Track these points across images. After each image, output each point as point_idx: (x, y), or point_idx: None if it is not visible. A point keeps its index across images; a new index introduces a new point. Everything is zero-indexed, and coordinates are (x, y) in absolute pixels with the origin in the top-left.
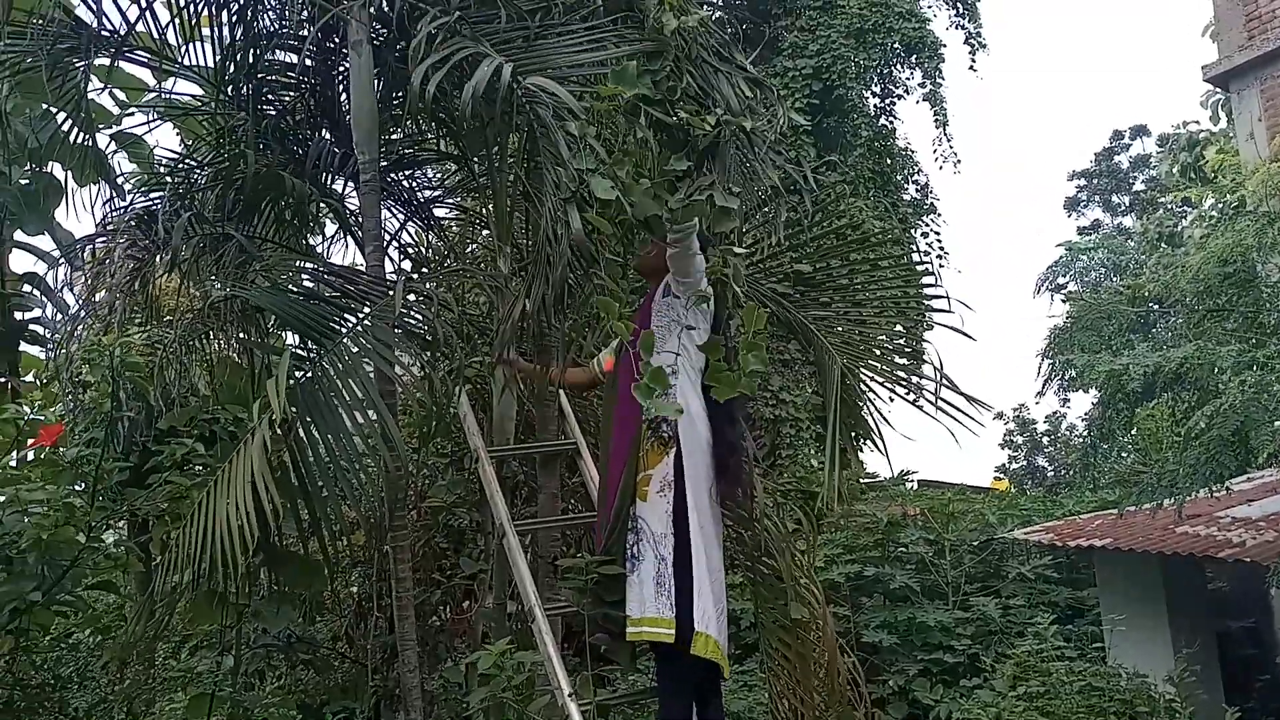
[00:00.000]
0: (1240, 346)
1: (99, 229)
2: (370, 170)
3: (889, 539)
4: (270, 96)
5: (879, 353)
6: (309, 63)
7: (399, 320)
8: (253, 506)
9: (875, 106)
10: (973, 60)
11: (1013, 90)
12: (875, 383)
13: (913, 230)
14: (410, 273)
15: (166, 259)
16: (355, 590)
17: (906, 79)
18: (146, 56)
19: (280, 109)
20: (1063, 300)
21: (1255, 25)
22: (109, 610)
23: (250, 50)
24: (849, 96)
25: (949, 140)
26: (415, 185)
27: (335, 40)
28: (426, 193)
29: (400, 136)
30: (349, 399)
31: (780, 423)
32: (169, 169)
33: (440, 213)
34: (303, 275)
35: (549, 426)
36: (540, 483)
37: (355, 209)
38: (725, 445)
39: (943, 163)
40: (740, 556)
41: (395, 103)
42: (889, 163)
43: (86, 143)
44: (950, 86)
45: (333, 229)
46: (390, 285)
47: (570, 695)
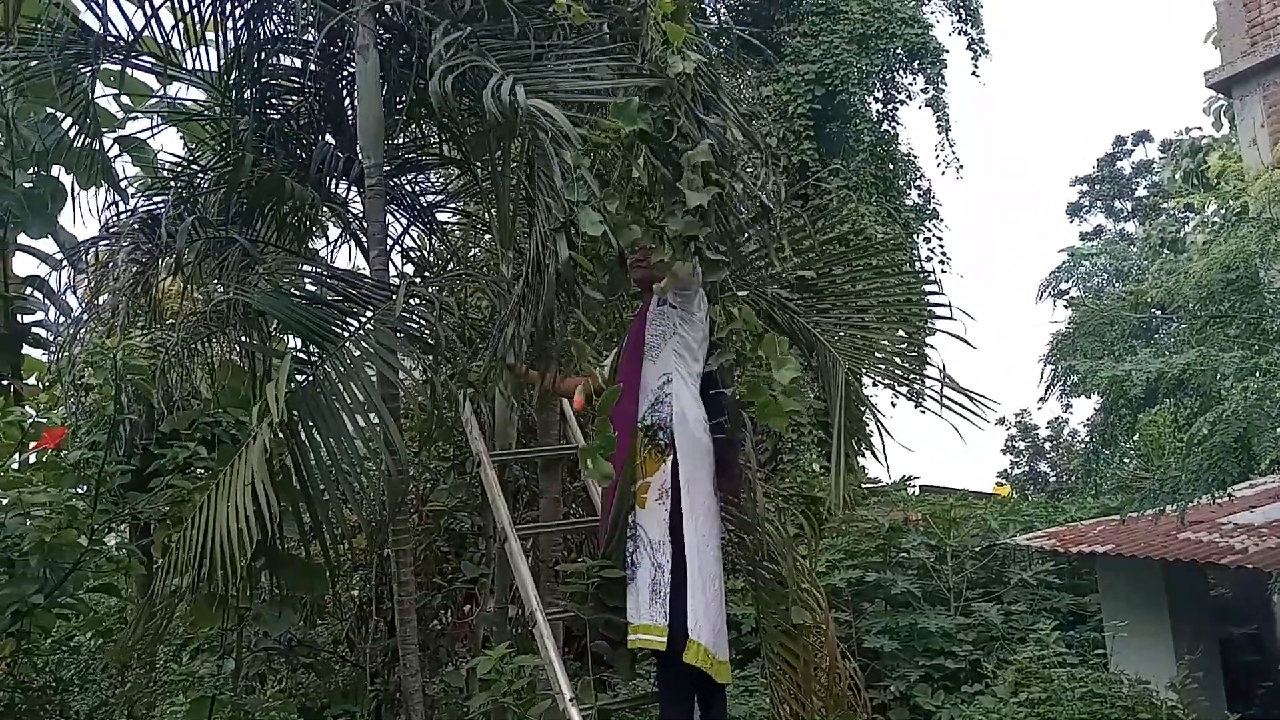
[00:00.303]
0: (1243, 353)
1: (102, 232)
2: (375, 174)
3: (890, 544)
4: (274, 101)
5: (881, 356)
6: (314, 67)
7: (401, 324)
8: (253, 510)
9: (878, 112)
10: (975, 66)
11: (1015, 96)
12: (879, 384)
13: (915, 236)
14: (413, 277)
15: (169, 262)
16: (356, 594)
17: (909, 84)
18: (151, 61)
19: (284, 113)
20: (1065, 306)
21: (1258, 31)
22: (110, 613)
23: (255, 55)
24: (851, 102)
25: (951, 146)
26: (418, 190)
27: (340, 45)
28: (429, 197)
29: (404, 141)
30: (350, 403)
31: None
32: (173, 173)
33: (443, 217)
34: (305, 279)
35: (551, 431)
36: (542, 487)
37: (359, 213)
38: (725, 443)
39: (945, 168)
40: (742, 561)
41: (399, 106)
42: (891, 168)
43: (91, 147)
44: (953, 92)
45: (336, 233)
46: (394, 289)
47: (571, 700)
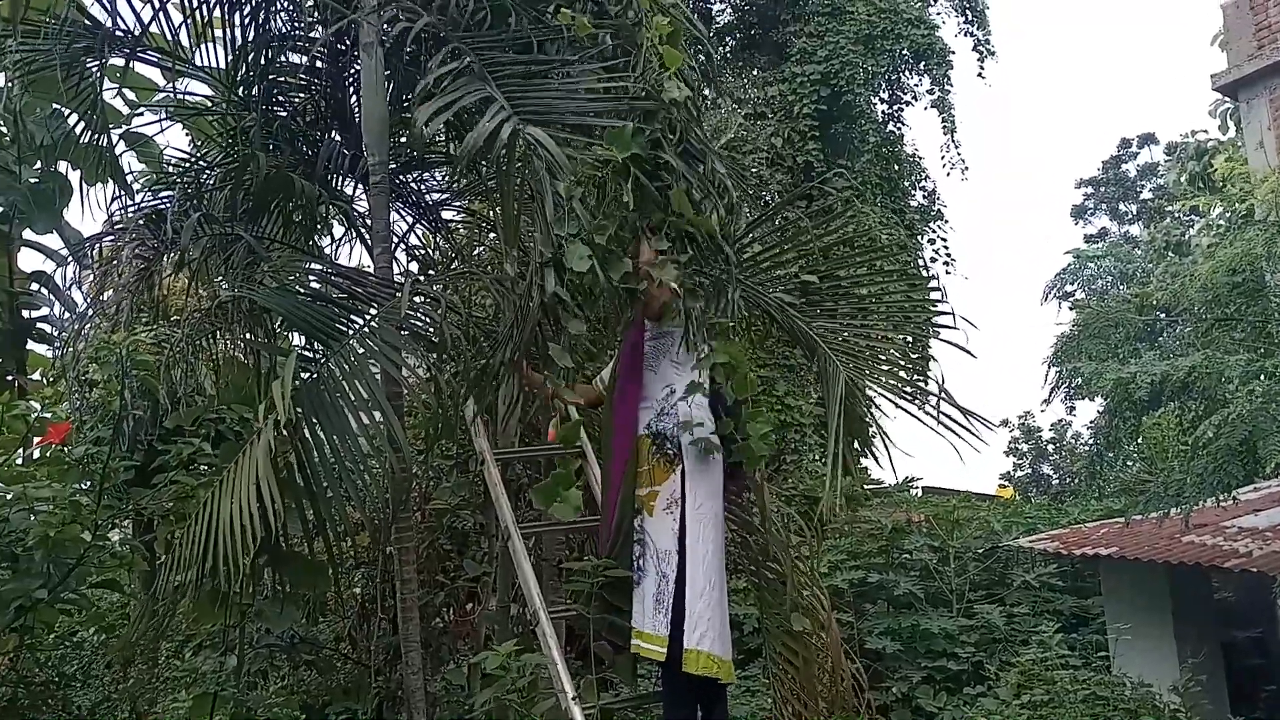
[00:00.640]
0: (1248, 356)
1: (107, 228)
2: (380, 172)
3: (893, 545)
4: (281, 98)
5: (884, 362)
6: (320, 65)
7: (405, 322)
8: (257, 507)
9: (883, 113)
10: (981, 67)
11: (1021, 97)
12: (878, 394)
13: (919, 237)
14: (417, 275)
15: (174, 258)
16: (358, 592)
17: (915, 86)
18: (158, 57)
19: (290, 110)
20: (1070, 308)
21: (1265, 35)
22: (113, 609)
23: (262, 51)
24: (857, 102)
25: (957, 147)
26: (424, 188)
27: (346, 43)
28: (435, 195)
29: (409, 139)
30: (355, 400)
31: (785, 429)
32: (178, 169)
33: (448, 215)
34: (310, 276)
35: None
36: None
37: (364, 211)
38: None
39: (950, 169)
40: (745, 561)
41: (405, 103)
42: (896, 169)
43: (98, 142)
44: (958, 93)
45: (341, 231)
46: (398, 287)
47: (574, 699)
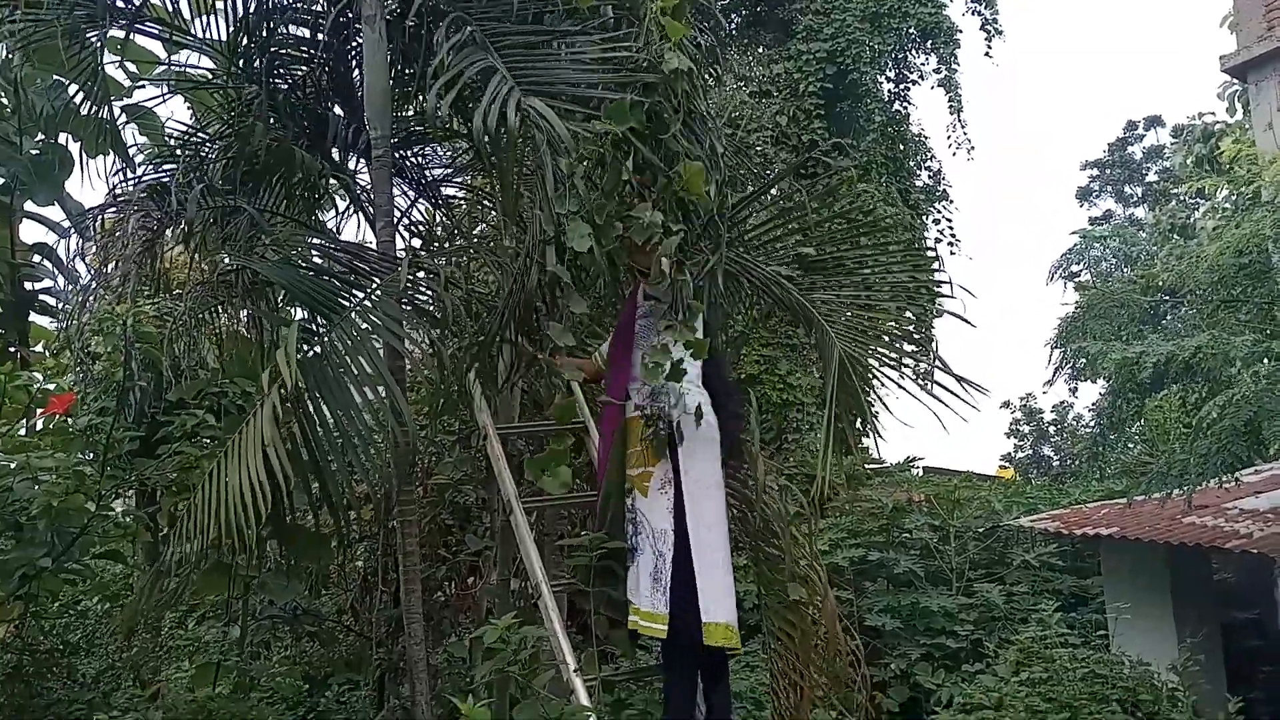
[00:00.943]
0: (1254, 337)
1: (110, 200)
2: (382, 146)
3: (894, 524)
4: (282, 70)
5: (882, 336)
6: (322, 37)
7: (406, 296)
8: (261, 478)
9: (889, 92)
10: (989, 46)
11: (1028, 73)
12: (875, 367)
13: (924, 217)
14: (418, 250)
15: (177, 230)
16: (361, 565)
17: (921, 65)
18: (158, 29)
19: (292, 83)
20: (1075, 289)
21: (1275, 16)
22: (116, 579)
23: (264, 23)
24: (863, 81)
25: (963, 127)
26: (425, 163)
27: (349, 15)
28: (436, 171)
29: (412, 114)
30: (357, 374)
31: (787, 407)
32: (180, 142)
33: (450, 192)
34: (312, 251)
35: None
36: None
37: (366, 185)
38: (730, 416)
39: (956, 149)
40: (743, 537)
41: (408, 75)
42: (902, 149)
43: (99, 114)
44: (965, 66)
45: (343, 205)
46: (399, 261)
47: (575, 670)
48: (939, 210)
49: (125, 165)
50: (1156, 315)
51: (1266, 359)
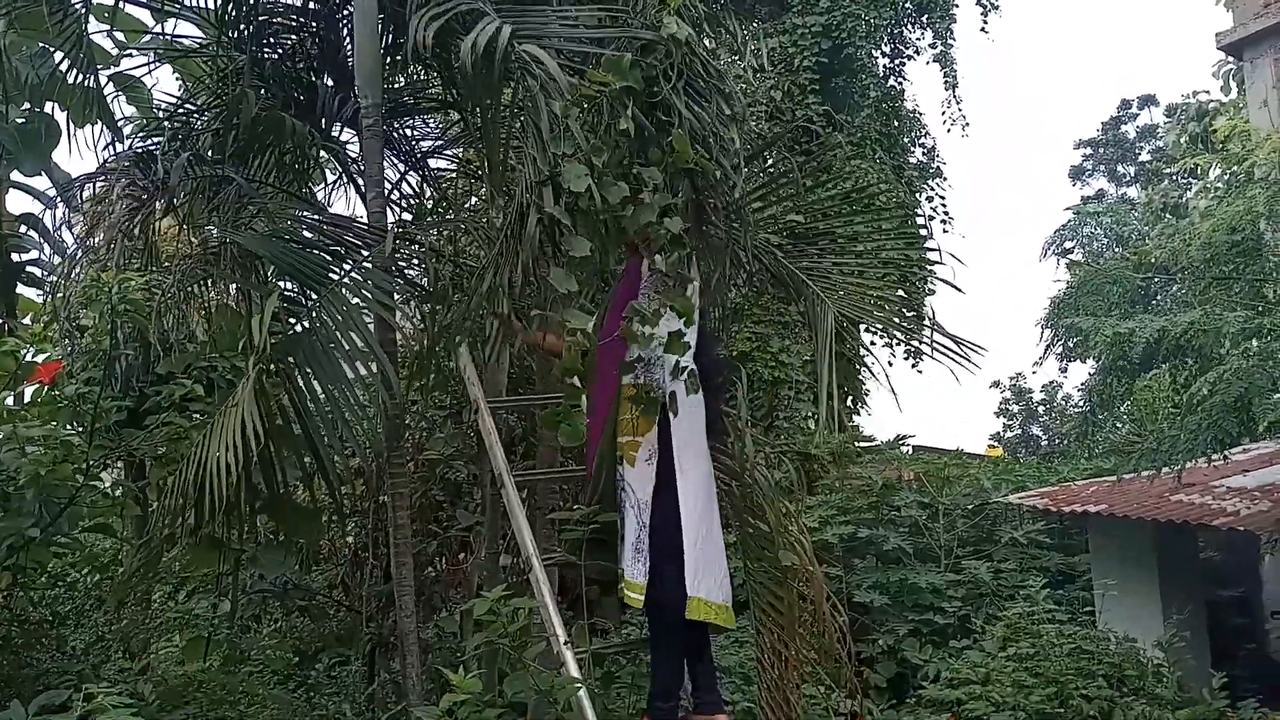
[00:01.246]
0: (1246, 314)
1: (97, 169)
2: (373, 114)
3: (883, 501)
4: (272, 39)
5: (875, 303)
6: (313, 4)
7: (391, 266)
8: (243, 451)
9: (885, 67)
10: (984, 21)
11: (1024, 44)
12: (868, 329)
13: (918, 194)
14: (408, 223)
15: (164, 200)
16: (351, 540)
17: (917, 40)
18: None
19: (282, 52)
20: (1067, 267)
21: None
22: (106, 552)
23: None
24: (858, 55)
25: (958, 103)
26: (415, 135)
27: None
28: (426, 144)
29: (402, 84)
30: (349, 348)
31: (779, 384)
32: (169, 112)
33: (441, 164)
34: (301, 225)
35: (549, 379)
36: (540, 435)
37: (356, 156)
38: (712, 391)
39: (951, 125)
40: (730, 510)
41: (400, 44)
42: (896, 125)
43: (85, 83)
44: (962, 40)
45: (333, 178)
46: (387, 231)
47: (566, 643)
48: (933, 187)
49: (114, 136)
50: (1148, 294)
51: (1258, 336)
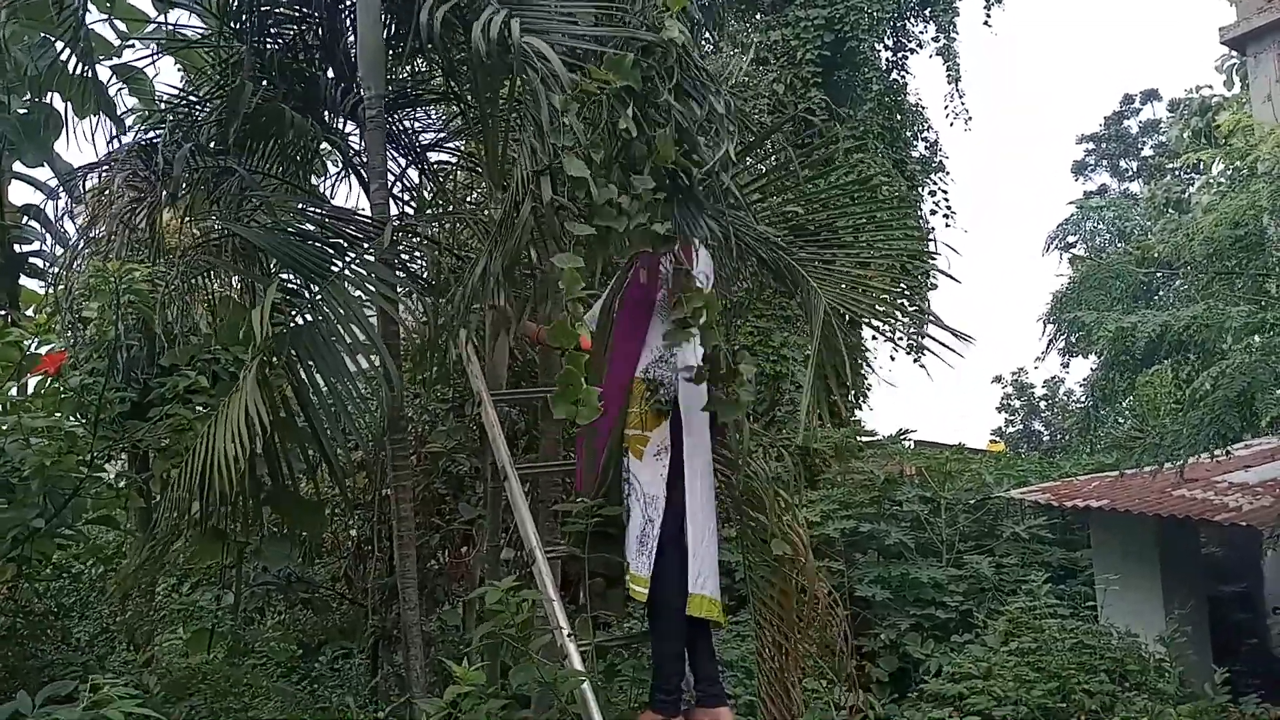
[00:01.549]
0: (1249, 309)
1: (99, 159)
2: (375, 106)
3: (885, 496)
4: (274, 30)
5: (872, 295)
6: None
7: (391, 257)
8: (252, 438)
9: (887, 60)
10: (988, 15)
11: (1028, 37)
12: (868, 324)
13: (920, 188)
14: (409, 216)
15: (167, 192)
16: (354, 534)
17: (920, 33)
18: None
19: (284, 44)
20: (1069, 262)
21: None
22: (110, 544)
23: None
24: (861, 49)
25: (961, 97)
26: (416, 128)
27: None
28: (428, 136)
29: (404, 77)
30: (350, 341)
31: (780, 379)
32: (170, 104)
33: (442, 157)
34: (303, 216)
35: (551, 372)
36: (542, 428)
37: (358, 148)
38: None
39: (954, 119)
40: (728, 502)
41: (403, 34)
42: (899, 118)
43: (86, 74)
44: (965, 34)
45: (335, 170)
46: (387, 224)
47: (569, 636)
48: (935, 181)
49: (115, 126)
50: (1150, 289)
51: (1260, 331)
